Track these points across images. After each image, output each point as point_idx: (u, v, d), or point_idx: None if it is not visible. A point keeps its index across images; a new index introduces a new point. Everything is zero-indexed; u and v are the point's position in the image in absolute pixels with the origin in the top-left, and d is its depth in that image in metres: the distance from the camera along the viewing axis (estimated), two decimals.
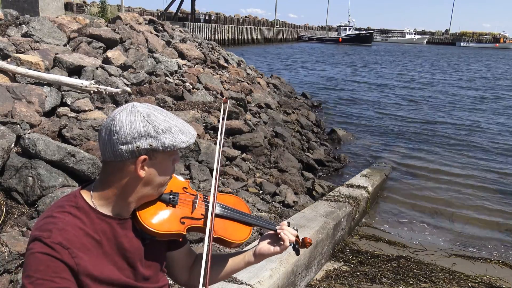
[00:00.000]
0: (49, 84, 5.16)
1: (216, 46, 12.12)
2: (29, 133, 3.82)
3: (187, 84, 7.28)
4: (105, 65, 6.53)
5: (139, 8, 45.26)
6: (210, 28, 42.23)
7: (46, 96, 4.87)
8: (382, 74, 25.08)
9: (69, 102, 5.15)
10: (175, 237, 1.24)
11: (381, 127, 11.03)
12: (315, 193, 5.68)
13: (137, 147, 1.07)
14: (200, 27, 39.98)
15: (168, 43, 9.55)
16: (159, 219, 1.20)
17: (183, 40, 10.32)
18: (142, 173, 1.11)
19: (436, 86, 20.35)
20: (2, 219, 3.04)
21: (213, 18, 51.04)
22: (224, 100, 1.50)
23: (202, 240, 3.49)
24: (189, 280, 1.42)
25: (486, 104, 15.63)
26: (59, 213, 1.08)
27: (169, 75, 7.45)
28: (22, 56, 5.56)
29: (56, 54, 6.22)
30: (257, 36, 54.33)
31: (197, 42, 10.93)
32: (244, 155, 6.03)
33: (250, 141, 6.24)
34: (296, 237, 1.44)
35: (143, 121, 1.08)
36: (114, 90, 5.52)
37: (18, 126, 3.82)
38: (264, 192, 5.11)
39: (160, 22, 11.56)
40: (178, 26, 13.55)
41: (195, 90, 7.29)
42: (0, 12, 7.80)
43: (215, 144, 5.79)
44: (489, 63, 43.60)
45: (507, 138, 10.37)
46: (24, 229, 3.05)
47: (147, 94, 6.48)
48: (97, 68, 6.26)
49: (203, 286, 1.11)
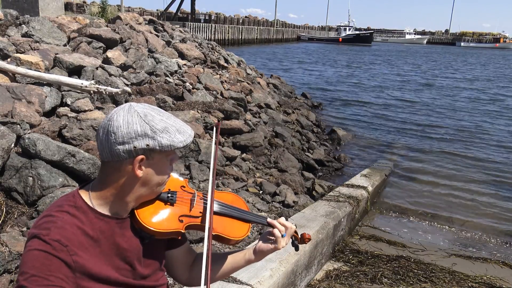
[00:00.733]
0: (49, 84, 5.16)
1: (216, 46, 12.12)
2: (29, 133, 3.82)
3: (187, 84, 7.28)
4: (105, 65, 6.53)
5: (139, 8, 45.26)
6: (210, 28, 42.23)
7: (46, 96, 4.87)
8: (381, 75, 25.08)
9: (69, 102, 5.15)
10: (174, 235, 1.24)
11: (381, 127, 11.03)
12: (315, 193, 5.68)
13: (134, 147, 1.08)
14: (200, 27, 39.99)
15: (168, 43, 9.55)
16: (157, 218, 1.20)
17: (183, 40, 10.32)
18: (139, 173, 1.11)
19: (436, 86, 20.35)
20: (2, 219, 3.04)
21: (213, 18, 51.04)
22: (216, 124, 1.45)
23: (202, 240, 3.49)
24: (189, 279, 1.43)
25: (486, 104, 15.63)
26: (57, 212, 1.08)
27: (169, 75, 7.45)
28: (22, 56, 5.56)
29: (56, 54, 6.22)
30: (257, 36, 54.34)
31: (197, 42, 10.93)
32: (244, 155, 6.03)
33: (250, 141, 6.24)
34: (295, 232, 1.44)
35: (140, 121, 1.08)
36: (114, 90, 5.53)
37: (18, 126, 3.82)
38: (264, 192, 5.11)
39: (160, 22, 11.56)
40: (178, 26, 13.56)
41: (195, 90, 7.29)
42: (0, 12, 7.80)
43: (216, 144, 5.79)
44: (489, 63, 43.59)
45: (507, 139, 10.37)
46: (24, 229, 3.05)
47: (147, 94, 6.48)
48: (97, 68, 6.26)
49: (204, 285, 1.11)
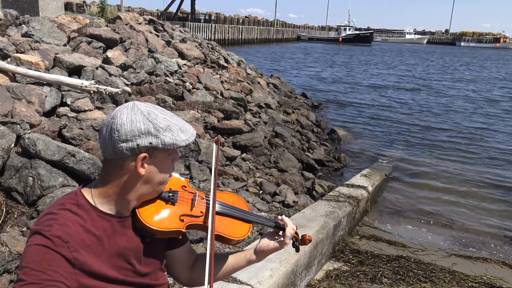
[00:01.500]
0: (49, 84, 5.16)
1: (216, 46, 12.12)
2: (29, 133, 3.82)
3: (187, 84, 7.28)
4: (105, 65, 6.53)
5: (139, 8, 45.26)
6: (210, 28, 42.22)
7: (46, 96, 4.87)
8: (381, 75, 25.08)
9: (69, 102, 5.15)
10: (174, 234, 1.25)
11: (381, 127, 11.04)
12: (315, 193, 5.68)
13: (138, 144, 1.08)
14: (200, 27, 39.98)
15: (168, 43, 9.55)
16: (158, 217, 1.20)
17: (183, 40, 10.32)
18: (142, 171, 1.12)
19: (436, 87, 20.34)
20: (2, 219, 3.04)
21: (213, 18, 51.04)
22: (217, 139, 1.39)
23: (202, 239, 3.49)
24: (190, 279, 1.43)
25: (485, 105, 15.62)
26: (59, 210, 1.09)
27: (169, 75, 7.45)
28: (22, 56, 5.56)
29: (56, 54, 6.22)
30: (257, 36, 54.34)
31: (197, 42, 10.93)
32: (244, 155, 6.03)
33: (250, 141, 6.24)
34: (296, 233, 1.44)
35: (144, 119, 1.09)
36: (114, 90, 5.53)
37: (18, 126, 3.82)
38: (264, 192, 5.11)
39: (160, 22, 11.56)
40: (178, 26, 13.55)
41: (195, 90, 7.29)
42: (0, 12, 7.80)
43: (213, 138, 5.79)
44: (488, 63, 43.59)
45: (507, 139, 10.37)
46: (24, 229, 3.05)
47: (147, 94, 6.48)
48: (97, 68, 6.26)
49: (208, 284, 1.12)
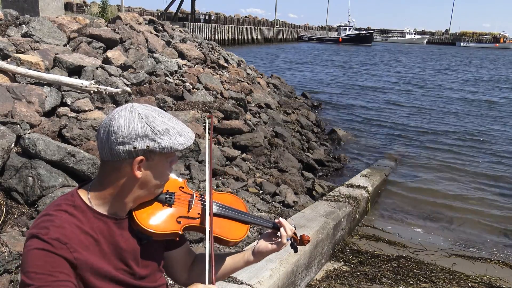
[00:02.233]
0: (49, 84, 5.16)
1: (216, 46, 12.12)
2: (29, 133, 3.82)
3: (187, 84, 7.27)
4: (105, 65, 6.53)
5: (139, 8, 45.25)
6: (210, 28, 42.22)
7: (46, 96, 4.87)
8: (381, 76, 25.08)
9: (69, 102, 5.15)
10: (171, 236, 1.24)
11: (381, 127, 11.03)
12: (315, 193, 5.68)
13: (135, 147, 1.08)
14: (200, 27, 39.97)
15: (168, 43, 9.55)
16: (155, 219, 1.20)
17: (183, 40, 10.32)
18: (138, 174, 1.11)
19: (436, 88, 20.33)
20: (2, 219, 3.04)
21: (213, 18, 51.03)
22: (208, 116, 1.46)
23: (202, 240, 3.49)
24: (189, 279, 1.42)
25: (486, 105, 15.63)
26: (56, 212, 1.08)
27: (169, 75, 7.45)
28: (22, 56, 5.56)
29: (56, 54, 6.22)
30: (257, 36, 54.33)
31: (197, 42, 10.93)
32: (244, 155, 6.03)
33: (250, 141, 6.24)
34: (294, 234, 1.44)
35: (141, 122, 1.08)
36: (114, 90, 5.53)
37: (18, 126, 3.82)
38: (264, 192, 5.11)
39: (160, 22, 11.56)
40: (178, 26, 13.55)
41: (195, 90, 7.29)
42: (0, 12, 7.80)
43: (215, 144, 5.79)
44: (488, 63, 43.59)
45: (507, 139, 10.37)
46: (24, 229, 3.05)
47: (147, 94, 6.48)
48: (97, 68, 6.26)
49: (209, 283, 1.12)
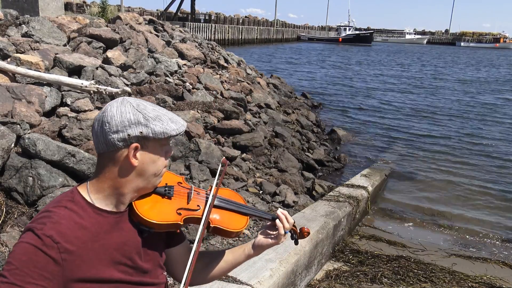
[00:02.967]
0: (49, 84, 5.16)
1: (216, 46, 12.12)
2: (29, 133, 3.82)
3: (187, 84, 7.27)
4: (105, 65, 6.53)
5: (139, 8, 45.26)
6: (210, 28, 42.22)
7: (46, 96, 4.88)
8: (381, 76, 25.08)
9: (69, 102, 5.15)
10: (172, 228, 1.25)
11: (381, 127, 11.03)
12: (315, 193, 5.68)
13: (128, 135, 1.10)
14: (200, 27, 39.98)
15: (168, 43, 9.55)
16: (156, 210, 1.21)
17: (183, 40, 10.32)
18: (134, 162, 1.13)
19: (435, 88, 20.35)
20: (2, 219, 3.04)
21: (213, 18, 51.02)
22: (223, 161, 1.42)
23: (202, 240, 3.48)
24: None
25: (486, 106, 15.63)
26: (55, 208, 1.09)
27: (169, 75, 7.45)
28: (22, 56, 5.56)
29: (56, 54, 6.22)
30: (257, 36, 54.33)
31: (197, 42, 10.93)
32: (244, 155, 6.03)
33: (250, 141, 6.24)
34: (294, 226, 1.44)
35: (133, 110, 1.11)
36: (114, 90, 5.53)
37: (18, 126, 3.82)
38: (264, 192, 5.11)
39: (160, 22, 11.56)
40: (178, 26, 13.55)
41: (195, 90, 7.29)
42: (0, 12, 7.80)
43: (215, 144, 5.79)
44: (488, 64, 43.59)
45: (507, 139, 10.37)
46: None
47: (147, 94, 6.48)
48: (97, 68, 6.26)
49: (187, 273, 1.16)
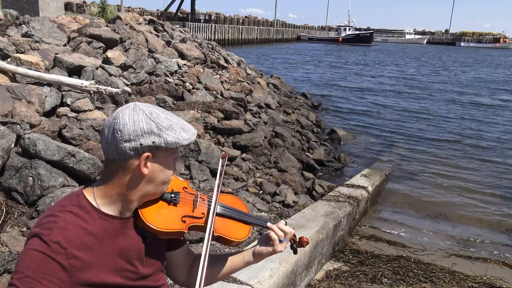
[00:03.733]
0: (49, 84, 5.16)
1: (216, 46, 12.12)
2: (29, 133, 3.82)
3: (187, 84, 7.28)
4: (105, 65, 6.53)
5: (139, 8, 45.24)
6: (210, 28, 42.22)
7: (46, 96, 4.88)
8: (381, 76, 25.08)
9: (69, 102, 5.16)
10: (177, 235, 1.25)
11: (381, 127, 11.03)
12: (315, 193, 5.68)
13: (141, 144, 1.08)
14: (200, 27, 39.97)
15: (168, 43, 9.55)
16: (161, 218, 1.21)
17: (183, 40, 10.32)
18: (145, 171, 1.12)
19: (436, 88, 20.34)
20: (2, 219, 3.04)
21: (213, 18, 51.01)
22: (223, 155, 1.45)
23: (201, 240, 3.49)
24: (188, 280, 1.42)
25: (486, 106, 15.63)
26: (60, 212, 1.08)
27: (169, 75, 7.45)
28: (22, 56, 5.56)
29: (56, 54, 6.22)
30: (257, 36, 54.32)
31: (197, 42, 10.93)
32: (244, 155, 6.03)
33: (250, 141, 6.24)
34: (293, 236, 1.44)
35: (146, 119, 1.09)
36: (114, 90, 5.53)
37: (18, 126, 3.82)
38: (264, 192, 5.11)
39: (160, 22, 11.56)
40: (178, 26, 13.56)
41: (195, 90, 7.29)
42: (0, 12, 7.80)
43: (215, 144, 5.79)
44: (487, 64, 43.60)
45: (506, 140, 10.37)
46: (24, 229, 3.05)
47: (147, 94, 6.48)
48: (97, 68, 6.26)
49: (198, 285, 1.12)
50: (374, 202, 5.91)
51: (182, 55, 9.13)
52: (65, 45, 7.14)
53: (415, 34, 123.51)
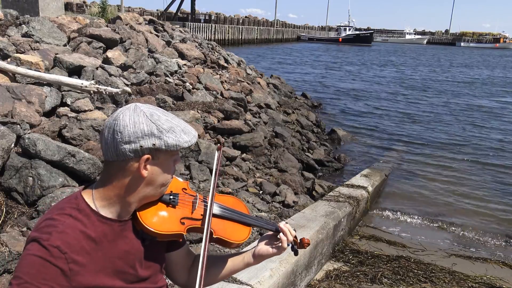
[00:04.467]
0: (49, 84, 5.16)
1: (216, 46, 12.12)
2: (29, 133, 3.82)
3: (187, 84, 7.28)
4: (105, 65, 6.53)
5: (139, 8, 45.25)
6: (210, 28, 42.23)
7: (46, 96, 4.88)
8: (382, 76, 25.08)
9: (69, 102, 5.16)
10: (175, 237, 1.24)
11: (381, 128, 11.03)
12: (315, 193, 5.68)
13: (141, 146, 1.07)
14: (200, 27, 39.98)
15: (168, 43, 9.55)
16: (159, 220, 1.20)
17: (183, 40, 10.32)
18: (144, 173, 1.11)
19: (436, 88, 20.34)
20: (2, 219, 3.04)
21: (213, 18, 51.02)
22: (218, 147, 1.44)
23: (201, 240, 3.48)
24: (188, 281, 1.42)
25: (486, 106, 15.63)
26: (59, 216, 1.07)
27: (169, 75, 7.45)
28: (22, 56, 5.56)
29: (56, 54, 6.22)
30: (257, 36, 54.33)
31: (197, 42, 10.93)
32: (244, 155, 6.03)
33: (250, 141, 6.24)
34: (294, 237, 1.44)
35: (147, 121, 1.08)
36: (114, 90, 5.53)
37: (18, 126, 3.82)
38: (264, 192, 5.11)
39: (160, 22, 11.56)
40: (178, 26, 13.56)
41: (195, 90, 7.29)
42: (0, 12, 7.80)
43: (215, 144, 5.79)
44: (487, 64, 43.58)
45: (506, 140, 10.37)
46: (24, 229, 3.05)
47: (147, 94, 6.48)
48: (97, 68, 6.26)
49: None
50: (374, 202, 5.91)
51: (182, 55, 9.13)
52: (65, 45, 7.14)
53: (415, 34, 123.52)
